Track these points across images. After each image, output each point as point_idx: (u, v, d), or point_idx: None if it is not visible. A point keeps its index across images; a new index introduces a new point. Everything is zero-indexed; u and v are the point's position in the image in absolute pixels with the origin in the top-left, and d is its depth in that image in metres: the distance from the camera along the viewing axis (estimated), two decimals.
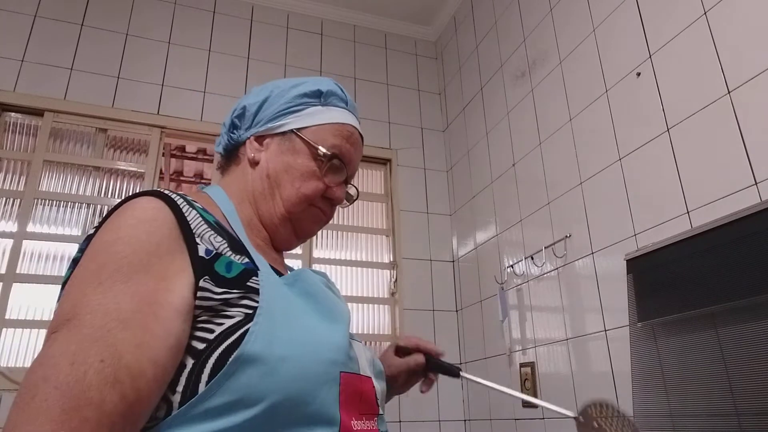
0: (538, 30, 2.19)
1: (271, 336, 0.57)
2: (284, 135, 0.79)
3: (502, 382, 2.17)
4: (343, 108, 0.83)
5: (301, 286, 0.67)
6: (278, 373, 0.56)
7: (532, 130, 2.17)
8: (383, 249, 2.73)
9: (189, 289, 0.57)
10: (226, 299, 0.58)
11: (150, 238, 0.58)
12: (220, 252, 0.61)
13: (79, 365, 0.49)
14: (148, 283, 0.55)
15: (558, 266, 1.92)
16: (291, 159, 0.77)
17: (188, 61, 2.61)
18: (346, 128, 0.81)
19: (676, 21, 1.51)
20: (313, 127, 0.79)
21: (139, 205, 0.61)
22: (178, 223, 0.60)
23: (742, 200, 1.26)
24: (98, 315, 0.52)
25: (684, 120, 1.46)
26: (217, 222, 0.67)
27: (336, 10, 3.01)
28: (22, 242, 2.14)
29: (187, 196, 0.67)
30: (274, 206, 0.77)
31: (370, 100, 2.92)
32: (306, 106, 0.80)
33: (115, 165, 2.39)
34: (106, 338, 0.51)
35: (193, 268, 0.58)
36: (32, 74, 2.32)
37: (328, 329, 0.64)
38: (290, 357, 0.57)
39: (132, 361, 0.51)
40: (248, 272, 0.61)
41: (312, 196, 0.78)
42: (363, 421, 0.64)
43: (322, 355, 0.60)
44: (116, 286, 0.54)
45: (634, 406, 1.44)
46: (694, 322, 1.30)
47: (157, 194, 0.63)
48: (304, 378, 0.57)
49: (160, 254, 0.57)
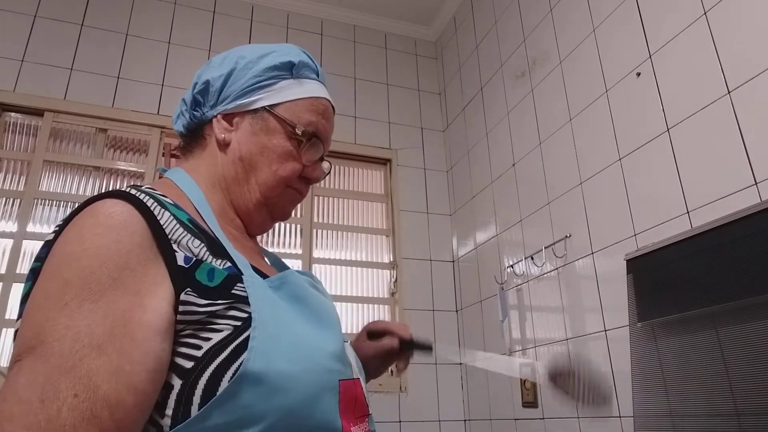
0: (538, 30, 2.19)
1: (268, 350, 0.53)
2: (256, 113, 0.72)
3: (502, 382, 2.18)
4: (315, 80, 0.77)
5: (288, 290, 0.62)
6: (278, 389, 0.52)
7: (532, 130, 2.17)
8: (383, 249, 2.73)
9: (168, 303, 0.52)
10: (212, 311, 0.53)
11: (120, 248, 0.51)
12: (200, 258, 0.56)
13: (51, 402, 0.44)
14: (121, 300, 0.49)
15: (558, 266, 1.92)
16: (266, 139, 0.71)
17: (188, 61, 2.61)
18: (320, 102, 0.76)
19: (676, 21, 1.51)
20: (287, 103, 0.73)
21: (104, 209, 0.53)
22: (150, 228, 0.54)
23: (742, 200, 1.26)
24: (67, 341, 0.46)
25: (684, 120, 1.46)
26: (191, 220, 0.60)
27: (336, 10, 3.01)
28: (22, 242, 2.14)
29: (155, 190, 0.61)
30: (249, 191, 0.72)
31: (370, 100, 2.92)
32: (277, 79, 0.73)
33: (115, 165, 2.39)
34: (78, 368, 0.46)
35: (171, 280, 0.53)
36: (32, 74, 2.32)
37: (322, 337, 0.61)
38: (290, 372, 0.54)
39: (109, 391, 0.46)
40: (232, 278, 0.56)
41: (290, 177, 0.73)
42: (359, 425, 0.63)
43: (320, 367, 0.57)
44: (84, 306, 0.48)
45: (634, 406, 1.44)
46: (694, 322, 1.30)
47: (123, 195, 0.55)
48: (305, 392, 0.55)
49: (131, 266, 0.51)
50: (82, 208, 0.55)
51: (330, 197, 2.73)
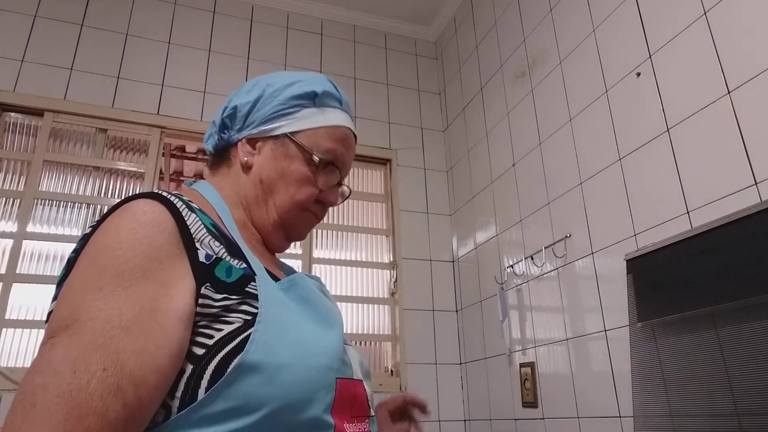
0: (538, 30, 2.19)
1: (270, 343, 0.57)
2: (277, 139, 0.76)
3: (502, 382, 2.18)
4: (338, 108, 0.81)
5: (296, 292, 0.66)
6: (277, 380, 0.56)
7: (532, 130, 2.17)
8: (383, 249, 2.73)
9: (190, 295, 0.57)
10: (226, 305, 0.58)
11: (151, 243, 0.57)
12: (220, 257, 0.61)
13: (82, 373, 0.48)
14: (149, 289, 0.54)
15: (558, 266, 1.92)
16: (285, 165, 0.76)
17: (188, 61, 2.61)
18: (341, 131, 0.80)
19: (676, 21, 1.51)
20: (308, 130, 0.77)
21: (139, 207, 0.59)
22: (178, 227, 0.59)
23: (742, 200, 1.26)
24: (99, 321, 0.51)
25: (684, 120, 1.46)
26: (214, 224, 0.66)
27: (336, 10, 3.01)
28: (22, 242, 2.14)
29: (183, 196, 0.66)
30: (267, 212, 0.76)
31: (370, 100, 2.92)
32: (300, 108, 0.77)
33: (115, 165, 2.39)
34: (108, 346, 0.50)
35: (193, 274, 0.58)
36: (32, 74, 2.32)
37: (324, 336, 0.63)
38: (289, 365, 0.57)
39: (134, 369, 0.50)
40: (247, 277, 0.61)
41: (306, 201, 0.77)
42: (355, 424, 0.65)
43: (319, 363, 0.60)
44: (117, 292, 0.53)
45: (634, 406, 1.44)
46: (694, 322, 1.30)
47: (156, 197, 0.61)
48: (302, 385, 0.57)
49: (161, 260, 0.56)
50: (118, 207, 0.61)
51: None
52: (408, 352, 2.51)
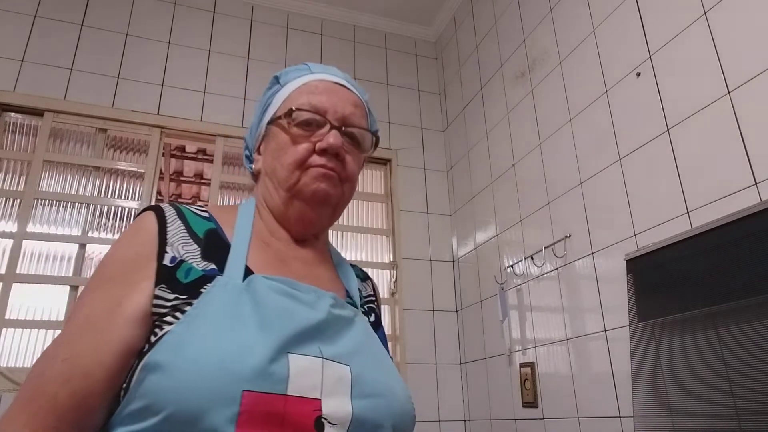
0: (538, 30, 2.19)
1: (180, 345, 0.56)
2: (266, 134, 0.81)
3: (502, 382, 2.18)
4: (305, 74, 0.82)
5: (251, 293, 0.62)
6: (175, 383, 0.53)
7: (532, 130, 2.17)
8: (383, 249, 2.73)
9: (147, 296, 0.60)
10: (175, 305, 0.60)
11: (130, 249, 0.64)
12: (183, 259, 0.63)
13: (51, 360, 0.58)
14: (116, 290, 0.61)
15: (558, 266, 1.92)
16: (273, 146, 0.78)
17: (188, 61, 2.61)
18: (308, 85, 0.79)
19: (676, 21, 1.51)
20: (281, 106, 0.79)
21: (139, 218, 0.67)
22: (158, 233, 0.64)
23: (742, 200, 1.26)
24: (80, 318, 0.60)
25: (684, 120, 1.46)
26: (211, 230, 0.69)
27: (336, 10, 3.01)
28: (22, 242, 2.14)
29: (192, 207, 0.72)
30: (277, 195, 0.77)
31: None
32: (271, 98, 0.82)
33: (115, 165, 2.39)
34: (73, 340, 0.58)
35: (156, 276, 0.61)
36: (32, 74, 2.32)
37: (248, 341, 0.57)
38: (188, 369, 0.54)
39: (85, 362, 0.57)
40: (205, 279, 0.62)
41: (298, 161, 0.74)
42: None
43: (223, 370, 0.54)
44: (98, 293, 0.61)
45: (634, 406, 1.44)
46: (694, 322, 1.30)
47: (154, 207, 0.68)
48: (199, 392, 0.53)
49: (135, 263, 0.62)
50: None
51: None
52: (408, 352, 2.51)
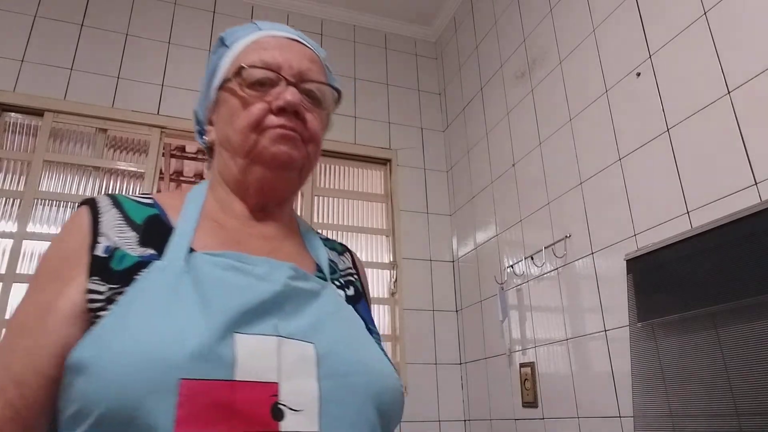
0: (538, 30, 2.19)
1: (106, 337, 0.50)
2: (217, 101, 0.72)
3: (502, 382, 2.18)
4: (252, 32, 0.74)
5: (193, 274, 0.56)
6: (101, 382, 0.48)
7: (532, 130, 2.17)
8: (383, 249, 2.73)
9: (81, 291, 0.54)
10: (109, 297, 0.53)
11: (61, 245, 0.59)
12: (116, 247, 0.57)
13: None
14: (49, 289, 0.56)
15: (558, 266, 1.92)
16: (224, 111, 0.70)
17: (188, 61, 2.61)
18: (256, 44, 0.71)
19: (676, 21, 1.51)
20: (228, 69, 0.71)
21: (72, 214, 0.63)
22: (91, 224, 0.59)
23: (742, 200, 1.26)
24: (14, 324, 0.56)
25: (684, 120, 1.46)
26: (153, 216, 0.62)
27: (336, 10, 3.01)
28: (22, 242, 2.14)
29: (133, 196, 0.66)
30: (234, 164, 0.69)
31: (370, 100, 2.92)
32: (218, 61, 0.74)
33: (115, 165, 2.39)
34: (9, 346, 0.54)
35: (90, 269, 0.55)
36: (32, 74, 2.32)
37: (185, 324, 0.50)
38: (116, 362, 0.48)
39: (19, 370, 0.52)
40: (140, 264, 0.55)
41: (250, 123, 0.66)
42: None
43: (155, 360, 0.47)
44: (32, 295, 0.57)
45: (634, 406, 1.44)
46: (694, 322, 1.30)
47: (88, 200, 0.63)
48: (129, 387, 0.47)
49: (67, 258, 0.57)
50: None
51: (330, 197, 2.73)
52: (408, 352, 2.51)
